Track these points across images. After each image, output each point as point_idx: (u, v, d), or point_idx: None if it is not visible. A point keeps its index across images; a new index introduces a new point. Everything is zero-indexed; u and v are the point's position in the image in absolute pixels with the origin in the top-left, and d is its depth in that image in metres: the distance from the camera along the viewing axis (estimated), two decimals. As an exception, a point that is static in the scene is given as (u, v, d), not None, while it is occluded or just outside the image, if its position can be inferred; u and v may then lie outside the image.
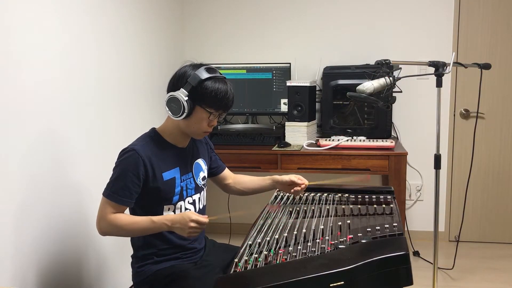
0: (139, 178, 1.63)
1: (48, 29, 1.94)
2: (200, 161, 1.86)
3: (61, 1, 2.02)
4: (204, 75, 1.63)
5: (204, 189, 1.89)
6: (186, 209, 1.77)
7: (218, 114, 1.70)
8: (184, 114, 1.63)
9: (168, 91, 1.67)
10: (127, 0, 2.62)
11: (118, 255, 2.46)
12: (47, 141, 1.93)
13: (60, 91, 2.01)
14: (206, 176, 1.91)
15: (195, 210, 1.80)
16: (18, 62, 1.76)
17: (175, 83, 1.68)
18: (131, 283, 1.82)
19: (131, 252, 1.81)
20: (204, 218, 1.57)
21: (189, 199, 1.78)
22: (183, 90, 1.62)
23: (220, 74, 1.69)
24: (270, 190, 1.98)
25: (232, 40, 3.58)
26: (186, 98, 1.62)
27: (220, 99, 1.64)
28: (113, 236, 1.71)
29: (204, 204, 1.89)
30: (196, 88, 1.62)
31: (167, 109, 1.65)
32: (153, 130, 1.77)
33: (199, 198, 1.83)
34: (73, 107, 2.11)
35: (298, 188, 1.89)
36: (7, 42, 1.70)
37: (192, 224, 1.55)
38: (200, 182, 1.84)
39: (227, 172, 2.04)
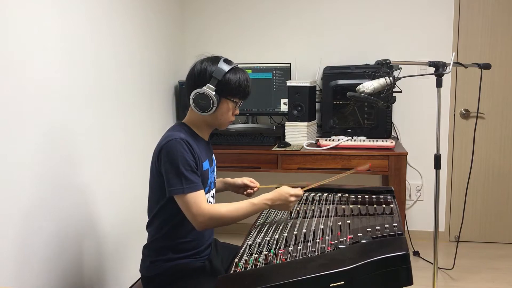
0: (196, 162, 1.63)
1: (48, 29, 1.94)
2: (214, 156, 1.90)
3: (61, 1, 2.02)
4: (225, 67, 1.67)
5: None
6: (209, 201, 1.75)
7: (240, 102, 1.75)
8: (214, 109, 1.66)
9: (190, 89, 1.68)
10: (127, 0, 2.62)
11: (121, 255, 2.46)
12: (50, 142, 1.92)
13: (61, 92, 2.01)
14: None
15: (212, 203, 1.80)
16: (18, 62, 1.76)
17: (197, 80, 1.68)
18: (133, 282, 1.81)
19: (134, 251, 1.81)
20: (300, 191, 1.67)
21: (212, 192, 1.80)
22: (210, 85, 1.64)
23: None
24: (222, 191, 2.02)
25: (232, 40, 3.58)
26: (214, 93, 1.64)
27: (244, 88, 1.70)
28: (123, 234, 1.68)
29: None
30: (221, 82, 1.65)
31: (194, 106, 1.66)
32: (182, 123, 1.76)
33: (214, 192, 1.85)
34: (76, 108, 2.11)
35: (251, 190, 1.97)
36: (7, 42, 1.70)
37: (293, 198, 1.66)
38: (215, 176, 1.88)
39: None
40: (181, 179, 1.58)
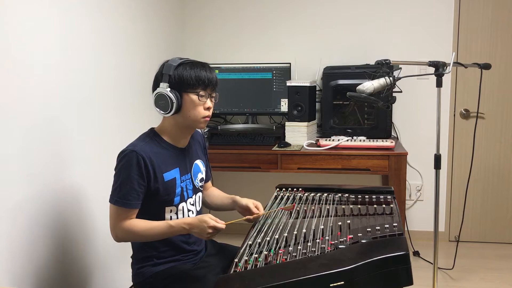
0: (143, 179, 1.62)
1: (48, 28, 1.94)
2: (199, 162, 1.86)
3: (61, 0, 2.02)
4: (177, 61, 1.65)
5: (201, 190, 1.88)
6: (188, 210, 1.77)
7: (208, 94, 1.69)
8: (174, 106, 1.63)
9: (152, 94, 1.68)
10: (128, 1, 2.62)
11: (117, 255, 2.46)
12: (45, 140, 1.92)
13: (59, 90, 2.01)
14: (204, 178, 1.90)
15: (194, 212, 1.80)
16: (17, 61, 1.76)
17: (154, 83, 1.69)
18: (131, 283, 1.81)
19: (131, 252, 1.80)
20: (221, 224, 1.58)
21: (190, 200, 1.78)
22: (163, 83, 1.63)
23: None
24: (231, 210, 1.91)
25: (232, 40, 3.58)
26: (169, 89, 1.62)
27: (200, 76, 1.64)
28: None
29: (201, 206, 1.87)
30: (174, 76, 1.63)
31: (158, 109, 1.65)
32: (152, 130, 1.76)
33: (195, 200, 1.82)
34: (72, 107, 2.10)
35: (250, 217, 1.76)
36: (7, 42, 1.70)
37: (210, 230, 1.57)
38: (197, 183, 1.83)
39: (208, 183, 2.02)
40: (117, 190, 1.62)
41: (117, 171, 1.64)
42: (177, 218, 1.73)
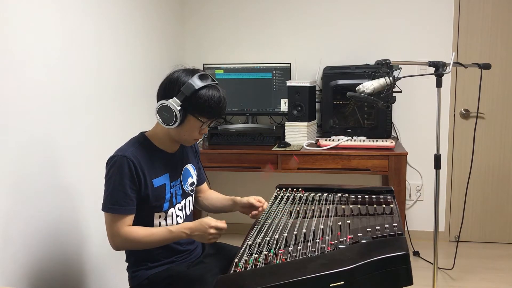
0: (135, 184, 1.60)
1: (48, 28, 1.93)
2: (190, 167, 1.84)
3: (61, 0, 2.02)
4: (198, 83, 1.58)
5: (192, 195, 1.87)
6: (177, 215, 1.75)
7: (210, 122, 1.68)
8: (176, 124, 1.60)
9: (159, 97, 1.64)
10: (128, 1, 2.62)
11: (114, 258, 2.43)
12: (42, 140, 1.91)
13: (57, 92, 2.00)
14: (195, 182, 1.88)
15: (182, 217, 1.79)
16: (16, 61, 1.75)
17: (166, 90, 1.63)
18: (128, 287, 1.80)
19: (123, 257, 1.79)
20: (222, 224, 1.56)
21: (179, 206, 1.77)
22: (176, 99, 1.58)
23: (213, 80, 1.65)
24: (232, 211, 1.91)
25: (232, 40, 3.58)
26: (179, 108, 1.58)
27: (213, 108, 1.61)
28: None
29: (191, 209, 1.86)
30: (189, 98, 1.58)
31: (158, 117, 1.62)
32: (142, 134, 1.73)
33: (185, 204, 1.81)
34: (70, 108, 2.09)
35: (256, 212, 1.79)
36: (6, 42, 1.70)
37: (212, 231, 1.55)
38: (187, 188, 1.81)
39: (204, 186, 2.00)
40: (109, 197, 1.59)
41: (107, 178, 1.61)
42: (166, 223, 1.71)
